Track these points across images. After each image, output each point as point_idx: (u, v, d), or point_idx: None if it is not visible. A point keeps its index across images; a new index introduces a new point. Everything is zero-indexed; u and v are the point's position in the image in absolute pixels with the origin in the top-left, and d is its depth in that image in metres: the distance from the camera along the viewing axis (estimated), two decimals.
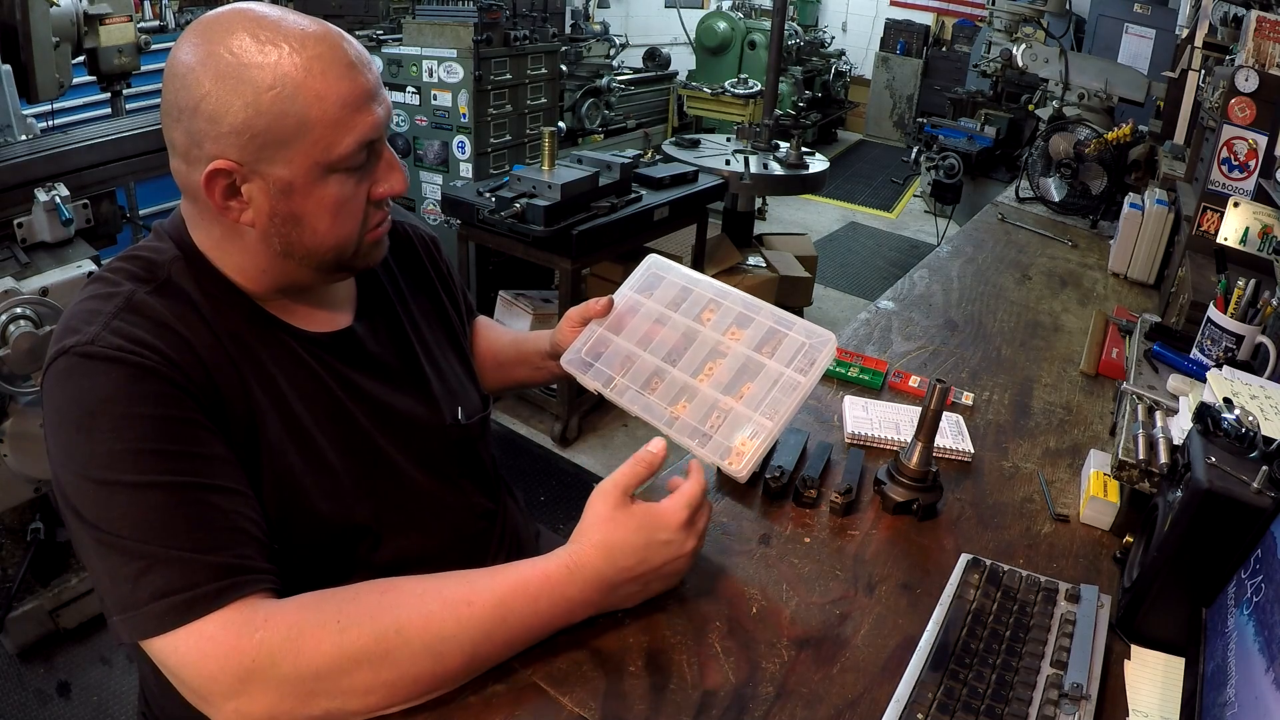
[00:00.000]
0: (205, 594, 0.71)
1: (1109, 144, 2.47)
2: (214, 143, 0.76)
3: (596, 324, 1.09)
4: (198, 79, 0.75)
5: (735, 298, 1.07)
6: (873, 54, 8.83)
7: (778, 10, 3.69)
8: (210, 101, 0.75)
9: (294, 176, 0.79)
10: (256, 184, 0.79)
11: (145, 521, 0.72)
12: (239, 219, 0.81)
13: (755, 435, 0.93)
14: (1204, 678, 0.75)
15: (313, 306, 0.92)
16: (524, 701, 0.76)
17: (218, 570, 0.72)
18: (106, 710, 1.85)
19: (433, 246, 1.13)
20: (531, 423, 3.15)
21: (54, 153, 1.92)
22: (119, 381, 0.74)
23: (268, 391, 0.84)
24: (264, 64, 0.75)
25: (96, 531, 0.72)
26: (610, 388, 1.03)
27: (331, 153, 0.79)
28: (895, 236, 5.93)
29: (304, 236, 0.83)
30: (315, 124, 0.77)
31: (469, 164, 3.51)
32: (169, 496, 0.73)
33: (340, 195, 0.82)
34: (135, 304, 0.78)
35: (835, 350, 0.99)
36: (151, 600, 0.70)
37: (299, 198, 0.80)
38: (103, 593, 0.73)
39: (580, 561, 0.79)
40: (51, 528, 1.96)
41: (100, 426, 0.73)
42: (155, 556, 0.71)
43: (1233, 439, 0.87)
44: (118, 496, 0.72)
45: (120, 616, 0.71)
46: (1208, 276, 1.56)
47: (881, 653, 0.86)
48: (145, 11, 3.51)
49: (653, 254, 1.15)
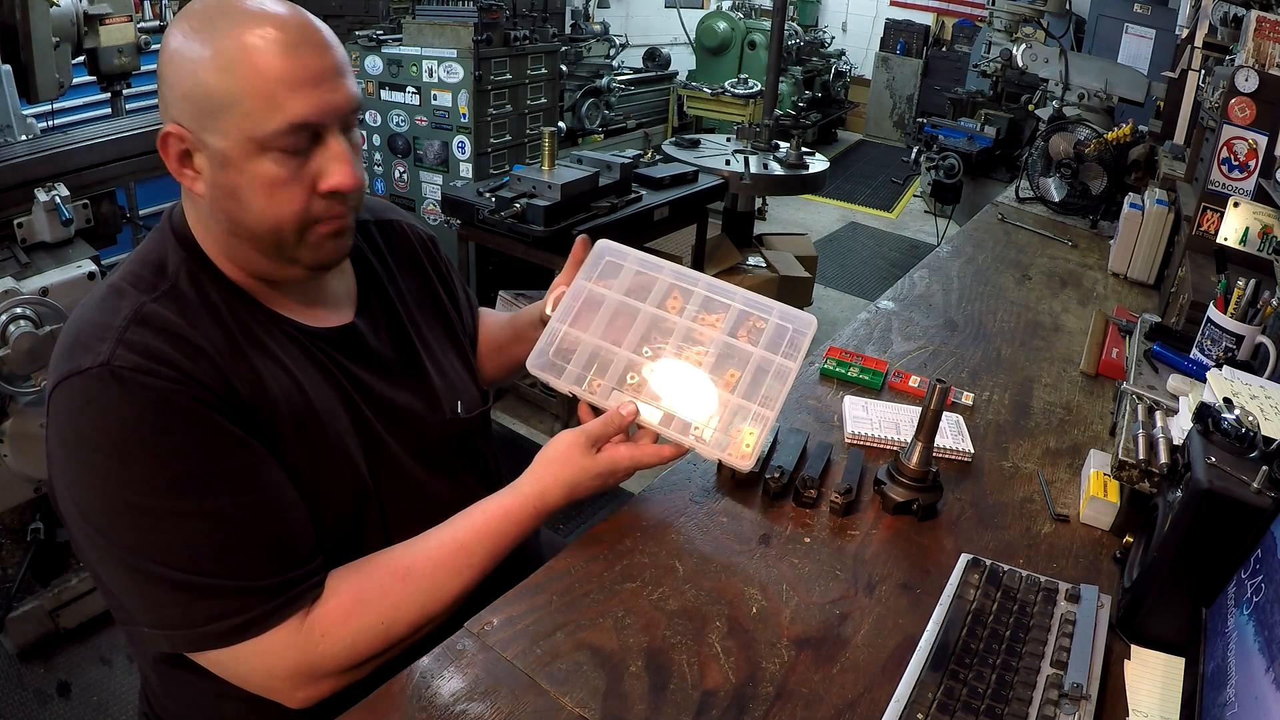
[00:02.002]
0: (260, 615, 0.77)
1: (1109, 144, 2.47)
2: (172, 106, 0.80)
3: (558, 319, 1.03)
4: (166, 46, 0.80)
5: (701, 282, 1.03)
6: (873, 54, 8.83)
7: (778, 10, 3.70)
8: (169, 67, 0.79)
9: (228, 149, 0.79)
10: (202, 154, 0.81)
11: (192, 551, 0.74)
12: (192, 187, 0.83)
13: (756, 425, 0.92)
14: (1204, 678, 0.75)
15: (313, 303, 0.93)
16: (524, 701, 0.76)
17: (270, 591, 0.77)
18: (106, 710, 1.85)
19: (431, 245, 1.14)
20: (531, 423, 3.15)
21: (54, 153, 1.92)
22: (144, 407, 0.74)
23: (283, 384, 0.85)
24: (215, 34, 0.78)
25: (134, 558, 0.74)
26: (585, 387, 1.00)
27: (261, 128, 0.78)
28: (895, 236, 5.93)
29: (241, 213, 0.82)
30: (246, 96, 0.77)
31: (469, 164, 3.51)
32: (213, 525, 0.75)
33: (275, 175, 0.81)
34: (144, 315, 0.78)
35: (815, 329, 0.97)
36: (207, 623, 0.75)
37: (233, 171, 0.80)
38: (135, 609, 0.76)
39: (547, 501, 0.93)
40: (51, 528, 1.96)
41: (134, 453, 0.73)
42: (206, 587, 0.75)
43: (1233, 439, 0.87)
44: (161, 525, 0.74)
45: (167, 633, 0.75)
46: (1208, 276, 1.56)
47: (881, 653, 0.86)
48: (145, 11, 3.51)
49: (602, 239, 1.08)
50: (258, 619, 0.76)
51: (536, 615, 0.86)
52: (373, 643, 0.83)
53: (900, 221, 6.28)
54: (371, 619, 0.82)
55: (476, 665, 0.80)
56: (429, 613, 0.86)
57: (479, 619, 0.85)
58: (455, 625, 0.85)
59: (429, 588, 0.86)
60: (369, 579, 0.84)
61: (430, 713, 0.75)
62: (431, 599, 0.86)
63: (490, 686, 0.77)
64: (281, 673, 0.79)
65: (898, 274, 2.43)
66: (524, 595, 0.89)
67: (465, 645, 0.82)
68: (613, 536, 0.99)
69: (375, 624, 0.82)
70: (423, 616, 0.86)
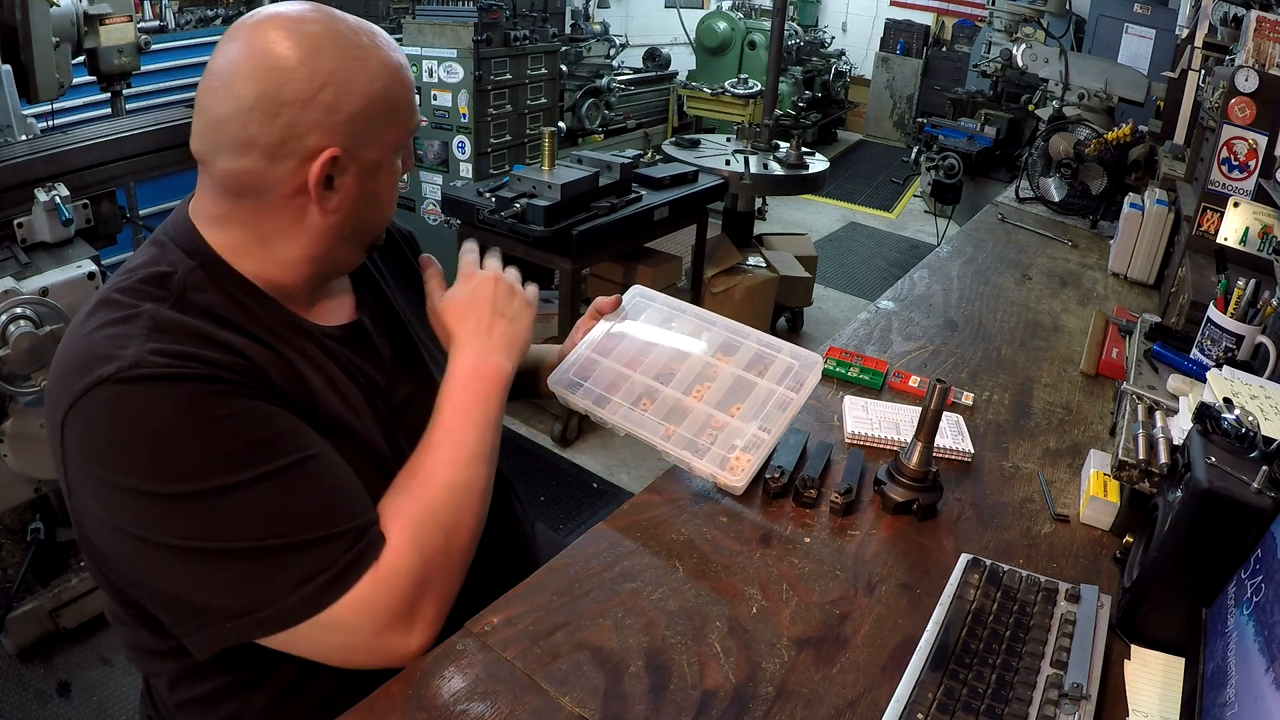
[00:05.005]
0: (347, 564, 0.75)
1: (1109, 144, 2.47)
2: (325, 132, 0.79)
3: (585, 346, 1.10)
4: (311, 70, 0.78)
5: (720, 324, 1.10)
6: (873, 54, 8.83)
7: (778, 10, 3.69)
8: (329, 92, 0.79)
9: (380, 157, 0.85)
10: (351, 171, 0.83)
11: (266, 517, 0.73)
12: (326, 210, 0.83)
13: (751, 448, 0.94)
14: (1204, 678, 0.75)
15: (320, 302, 0.93)
16: (524, 701, 0.76)
17: (349, 537, 0.76)
18: (106, 710, 1.85)
19: (412, 240, 1.16)
20: (531, 423, 3.15)
21: (54, 153, 1.91)
22: (181, 398, 0.72)
23: (316, 382, 0.85)
24: (367, 55, 0.82)
25: (203, 547, 0.71)
26: (600, 406, 1.04)
27: (406, 130, 0.88)
28: (895, 236, 5.93)
29: (374, 214, 0.89)
30: (403, 105, 0.86)
31: (469, 164, 3.51)
32: (281, 484, 0.74)
33: (397, 172, 0.90)
34: (161, 322, 0.76)
35: (821, 372, 1.03)
36: (298, 586, 0.73)
37: (381, 177, 0.87)
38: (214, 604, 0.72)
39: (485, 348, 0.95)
40: (51, 528, 1.96)
41: (178, 442, 0.71)
42: (288, 547, 0.73)
43: (1233, 439, 0.87)
44: (226, 501, 0.71)
45: (258, 617, 0.72)
46: (1208, 276, 1.56)
47: (881, 653, 0.86)
48: (145, 11, 3.51)
49: (636, 285, 1.19)
50: (346, 568, 0.75)
51: (536, 615, 0.86)
52: (435, 549, 0.81)
53: (900, 221, 6.28)
54: (415, 518, 0.82)
55: (476, 665, 0.80)
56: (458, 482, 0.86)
57: (479, 619, 0.85)
58: (455, 625, 0.85)
59: (436, 466, 0.87)
60: (397, 496, 0.84)
61: (430, 713, 0.75)
62: (447, 472, 0.86)
63: (490, 686, 0.78)
64: (383, 620, 0.77)
65: (898, 274, 2.43)
66: (524, 595, 0.89)
67: (465, 645, 0.82)
68: (613, 536, 0.99)
69: (437, 538, 0.82)
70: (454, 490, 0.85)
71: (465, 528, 0.86)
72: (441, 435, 0.89)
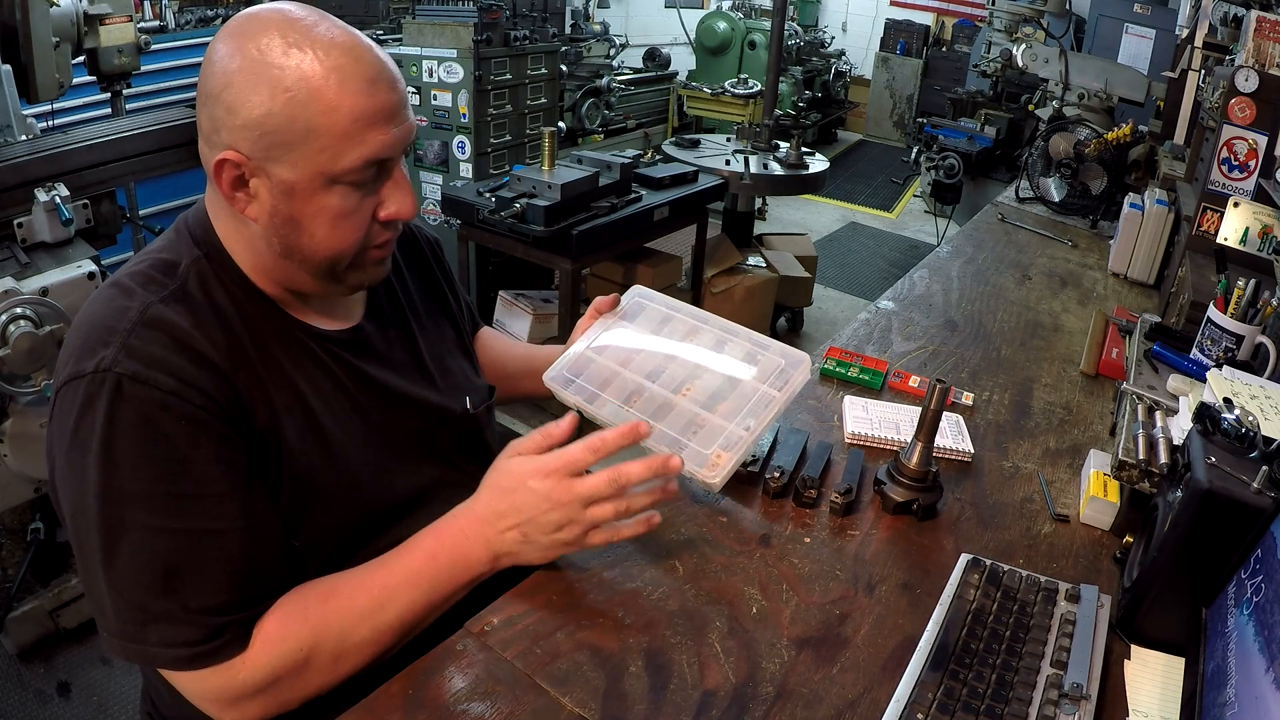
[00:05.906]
0: (204, 652, 0.76)
1: (1109, 144, 2.47)
2: (229, 133, 0.78)
3: (581, 343, 1.10)
4: (224, 68, 0.77)
5: (714, 323, 1.10)
6: (873, 54, 8.83)
7: (778, 10, 3.69)
8: (231, 93, 0.77)
9: (296, 180, 0.79)
10: (262, 181, 0.80)
11: (150, 568, 0.74)
12: (244, 210, 0.82)
13: (729, 446, 0.94)
14: (1204, 678, 0.75)
15: (330, 307, 0.94)
16: (524, 701, 0.76)
17: (215, 630, 0.77)
18: (106, 710, 1.85)
19: (437, 248, 1.16)
20: (532, 423, 3.14)
21: (54, 153, 1.91)
22: (136, 416, 0.74)
23: (288, 392, 0.85)
24: (285, 66, 0.76)
25: (103, 564, 0.75)
26: (591, 404, 1.04)
27: (336, 164, 0.79)
28: (895, 236, 5.93)
29: (301, 241, 0.83)
30: (323, 133, 0.77)
31: (469, 164, 3.51)
32: (175, 546, 0.75)
33: (341, 207, 0.82)
34: (150, 318, 0.78)
35: (808, 371, 1.02)
36: (156, 646, 0.76)
37: (299, 202, 0.81)
38: (98, 606, 0.77)
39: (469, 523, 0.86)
40: (51, 528, 1.96)
41: (116, 461, 0.74)
42: (157, 610, 0.75)
43: (1233, 439, 0.87)
44: (128, 536, 0.74)
45: (120, 642, 0.76)
46: (1208, 276, 1.56)
47: (881, 653, 0.86)
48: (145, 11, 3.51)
49: (635, 285, 1.19)
50: (202, 655, 0.76)
51: (536, 615, 0.86)
52: (293, 669, 0.79)
53: (900, 221, 6.28)
54: (290, 645, 0.79)
55: (476, 665, 0.80)
56: (351, 638, 0.81)
57: (479, 619, 0.85)
58: (455, 625, 0.85)
59: (348, 609, 0.82)
60: (296, 602, 0.82)
61: (430, 713, 0.75)
62: (351, 623, 0.81)
63: (490, 686, 0.77)
64: (212, 700, 0.79)
65: (898, 274, 2.43)
66: (524, 595, 0.89)
67: (465, 645, 0.82)
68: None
69: (299, 667, 0.79)
70: (344, 642, 0.81)
71: (330, 675, 0.82)
72: (376, 583, 0.84)
